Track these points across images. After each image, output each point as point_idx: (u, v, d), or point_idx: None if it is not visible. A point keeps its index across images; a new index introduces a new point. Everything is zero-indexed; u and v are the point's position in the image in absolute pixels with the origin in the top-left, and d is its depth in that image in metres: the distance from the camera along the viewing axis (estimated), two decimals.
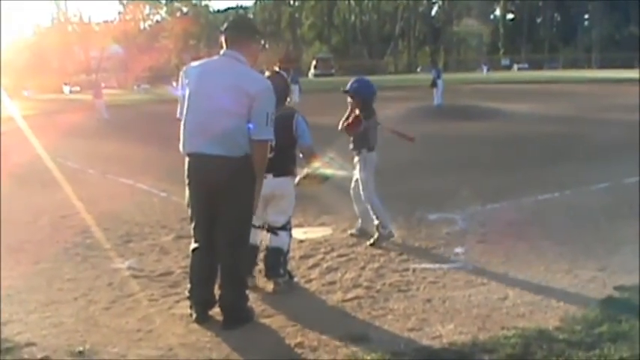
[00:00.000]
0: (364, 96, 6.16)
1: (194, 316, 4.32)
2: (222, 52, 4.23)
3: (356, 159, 6.22)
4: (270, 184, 4.63)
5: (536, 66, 76.03)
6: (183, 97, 4.20)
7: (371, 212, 6.12)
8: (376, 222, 6.07)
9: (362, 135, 6.09)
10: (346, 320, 4.27)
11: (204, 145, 4.06)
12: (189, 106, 4.13)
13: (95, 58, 76.40)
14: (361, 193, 6.17)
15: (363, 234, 6.30)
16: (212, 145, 4.03)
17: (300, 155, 5.01)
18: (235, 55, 4.15)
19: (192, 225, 4.33)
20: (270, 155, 4.22)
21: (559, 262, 5.32)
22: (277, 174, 4.75)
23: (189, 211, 4.32)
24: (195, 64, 4.33)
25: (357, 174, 6.24)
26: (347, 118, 6.17)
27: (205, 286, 4.33)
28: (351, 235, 6.42)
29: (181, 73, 4.27)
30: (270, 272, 4.93)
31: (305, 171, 5.12)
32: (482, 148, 12.97)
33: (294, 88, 29.73)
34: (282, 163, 4.76)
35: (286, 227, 4.99)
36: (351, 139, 6.18)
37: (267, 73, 4.83)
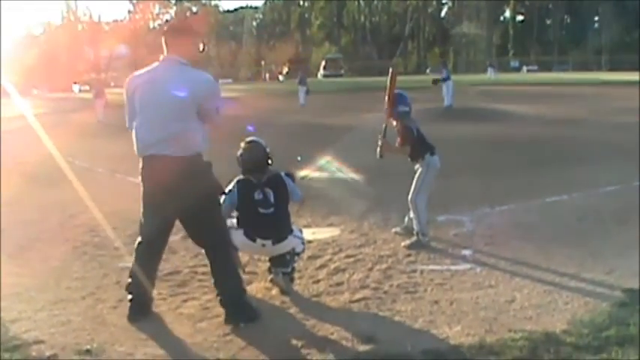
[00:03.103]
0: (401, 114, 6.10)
1: (127, 313, 4.35)
2: (162, 56, 4.26)
3: (416, 166, 6.15)
4: (268, 250, 4.69)
5: (546, 68, 75.84)
6: (131, 106, 4.23)
7: (413, 215, 6.08)
8: (416, 228, 6.03)
9: (417, 141, 6.04)
10: (353, 321, 4.27)
11: (157, 148, 4.09)
12: (140, 113, 4.16)
13: (105, 58, 76.68)
14: (410, 193, 6.08)
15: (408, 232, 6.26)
16: (165, 147, 4.07)
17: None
18: (177, 59, 4.19)
19: (141, 221, 4.35)
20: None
21: (567, 265, 5.30)
22: (277, 240, 4.69)
23: (141, 208, 4.35)
24: (138, 73, 4.34)
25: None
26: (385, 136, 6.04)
27: (142, 283, 4.35)
28: (396, 233, 6.40)
29: (126, 84, 4.29)
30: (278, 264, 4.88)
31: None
32: (491, 149, 12.93)
33: (301, 89, 29.52)
34: (280, 226, 4.73)
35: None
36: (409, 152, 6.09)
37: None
